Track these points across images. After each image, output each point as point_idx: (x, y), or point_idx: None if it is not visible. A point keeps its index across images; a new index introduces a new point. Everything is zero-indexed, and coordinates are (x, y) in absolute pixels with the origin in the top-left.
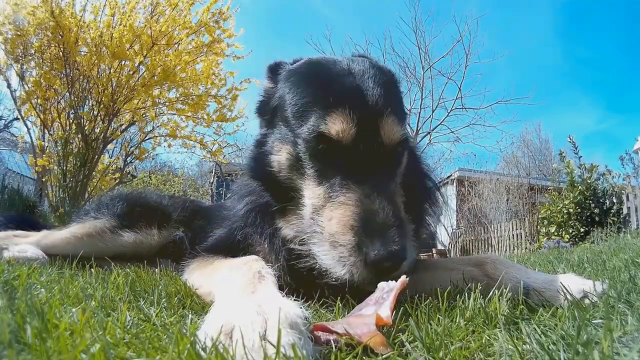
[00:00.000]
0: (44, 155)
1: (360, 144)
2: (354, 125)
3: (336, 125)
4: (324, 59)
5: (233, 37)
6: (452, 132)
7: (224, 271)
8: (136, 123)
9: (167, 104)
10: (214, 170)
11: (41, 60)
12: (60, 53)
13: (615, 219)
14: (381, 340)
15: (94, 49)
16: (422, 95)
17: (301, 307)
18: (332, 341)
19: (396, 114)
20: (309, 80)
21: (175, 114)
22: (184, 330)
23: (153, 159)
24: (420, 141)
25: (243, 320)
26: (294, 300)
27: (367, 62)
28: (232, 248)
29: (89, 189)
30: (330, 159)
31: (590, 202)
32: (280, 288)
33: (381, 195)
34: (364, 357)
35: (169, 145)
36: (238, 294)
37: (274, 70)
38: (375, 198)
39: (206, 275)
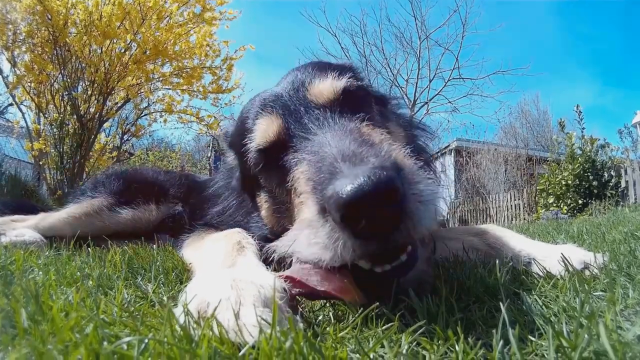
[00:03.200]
0: (40, 139)
1: (293, 124)
2: (277, 116)
3: (259, 131)
4: (256, 95)
5: (225, 4)
6: (450, 102)
7: (208, 244)
8: (131, 100)
9: (161, 79)
10: (211, 144)
11: (32, 44)
12: (50, 36)
13: (614, 192)
14: (358, 296)
15: (84, 30)
16: (419, 66)
17: (280, 280)
18: (302, 294)
19: (329, 74)
20: (238, 129)
21: (170, 89)
22: (181, 307)
23: (150, 135)
24: (417, 111)
25: (217, 297)
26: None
27: (301, 67)
28: (223, 223)
29: (86, 170)
30: (277, 160)
31: (589, 174)
32: None
33: (335, 136)
34: (362, 328)
35: (165, 121)
36: (216, 267)
37: (226, 137)
38: (326, 144)
39: (195, 249)
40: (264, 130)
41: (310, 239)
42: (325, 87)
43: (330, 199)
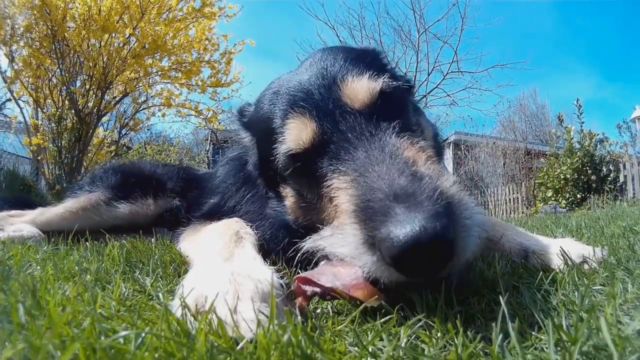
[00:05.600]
0: (38, 134)
1: (329, 129)
2: (310, 119)
3: (291, 135)
4: (279, 80)
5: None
6: (449, 95)
7: (205, 235)
8: (129, 94)
9: (160, 73)
10: (209, 138)
11: (30, 39)
12: (49, 31)
13: (612, 187)
14: (372, 292)
15: (82, 24)
16: (417, 59)
17: (278, 274)
18: (318, 294)
19: (363, 72)
20: (264, 116)
21: (169, 83)
22: (179, 300)
23: (148, 129)
24: None
25: (215, 291)
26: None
27: (326, 52)
28: (224, 214)
29: (84, 164)
30: (309, 165)
31: (588, 168)
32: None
33: (378, 158)
34: (361, 321)
35: (163, 115)
36: (214, 259)
37: (241, 115)
38: (370, 167)
39: (192, 241)
40: (296, 134)
41: (351, 252)
42: (361, 88)
43: (384, 242)
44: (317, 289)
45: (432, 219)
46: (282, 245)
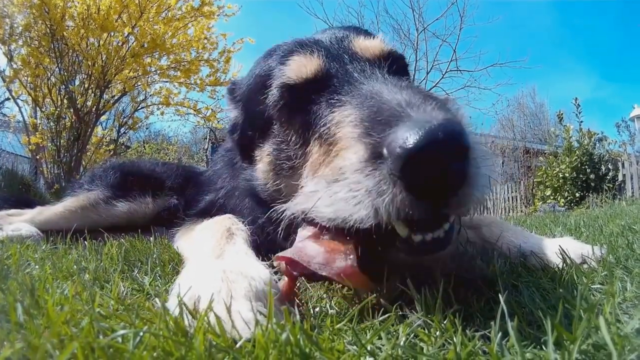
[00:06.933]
0: (37, 133)
1: (335, 67)
2: (317, 56)
3: (293, 66)
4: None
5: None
6: (447, 94)
7: (197, 233)
8: (128, 93)
9: (158, 71)
10: (208, 137)
11: (29, 38)
12: (48, 29)
13: (611, 186)
14: (363, 280)
15: (81, 23)
16: (416, 57)
17: (271, 270)
18: (305, 275)
19: (374, 37)
20: (261, 65)
21: (167, 81)
22: (172, 300)
23: (147, 128)
24: None
25: (208, 291)
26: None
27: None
28: (218, 211)
29: (83, 163)
30: (304, 101)
31: (587, 167)
32: None
33: (387, 88)
34: (360, 320)
35: (162, 113)
36: (205, 257)
37: (232, 91)
38: (382, 91)
39: (186, 240)
40: (299, 66)
41: (343, 191)
42: (373, 44)
43: (395, 142)
44: (305, 271)
45: (450, 120)
46: (249, 216)
